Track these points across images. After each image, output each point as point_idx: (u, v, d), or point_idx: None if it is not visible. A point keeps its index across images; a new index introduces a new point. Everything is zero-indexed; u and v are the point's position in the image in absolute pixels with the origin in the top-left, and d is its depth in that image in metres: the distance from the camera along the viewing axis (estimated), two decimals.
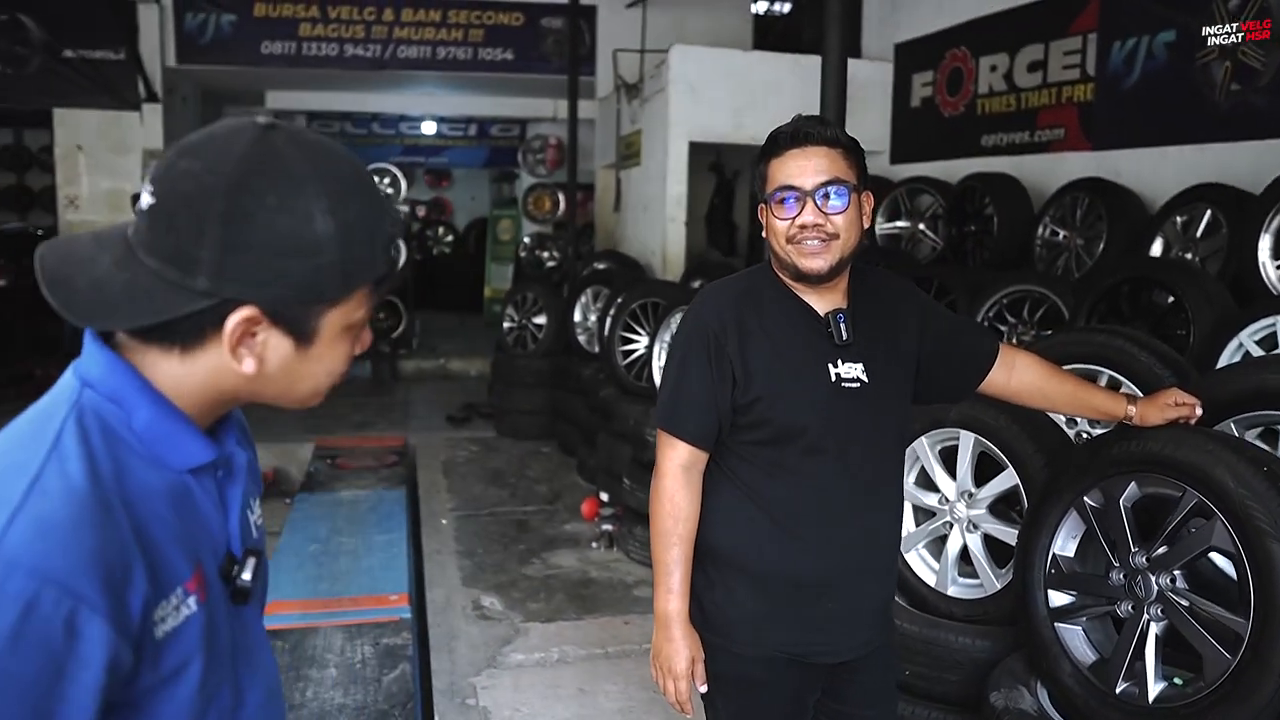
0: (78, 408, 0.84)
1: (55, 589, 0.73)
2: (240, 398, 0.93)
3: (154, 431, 0.87)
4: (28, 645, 0.72)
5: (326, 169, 0.87)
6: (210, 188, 0.82)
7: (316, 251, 0.84)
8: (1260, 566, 1.70)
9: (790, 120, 1.75)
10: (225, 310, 0.84)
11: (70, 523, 0.76)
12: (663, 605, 1.75)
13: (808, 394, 1.69)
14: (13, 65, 8.85)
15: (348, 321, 0.91)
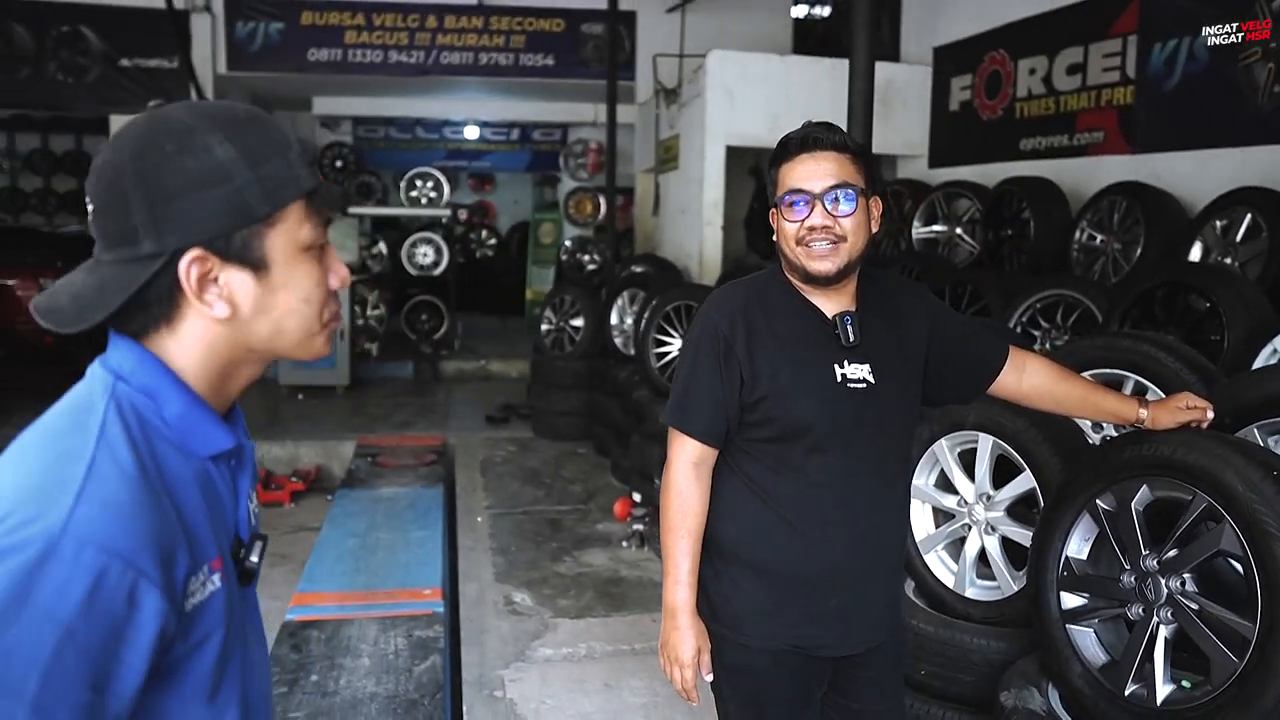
0: (114, 399, 0.91)
1: (121, 563, 0.81)
2: (240, 359, 0.98)
3: (184, 421, 0.94)
4: (96, 612, 0.80)
5: (214, 112, 0.94)
6: (118, 164, 0.90)
7: (226, 176, 0.91)
8: (1267, 570, 1.71)
9: (800, 126, 1.79)
10: (176, 263, 0.91)
11: (131, 505, 0.84)
12: (670, 596, 1.80)
13: (813, 393, 1.74)
14: (74, 75, 9.18)
15: (295, 242, 0.96)
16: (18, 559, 0.79)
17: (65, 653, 0.78)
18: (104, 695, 0.81)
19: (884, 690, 1.93)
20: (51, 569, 0.79)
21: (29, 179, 15.95)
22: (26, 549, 0.79)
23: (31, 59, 9.10)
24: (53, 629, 0.78)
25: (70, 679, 0.79)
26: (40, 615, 0.78)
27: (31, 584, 0.78)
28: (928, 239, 6.49)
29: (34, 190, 15.93)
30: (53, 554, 0.79)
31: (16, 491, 0.83)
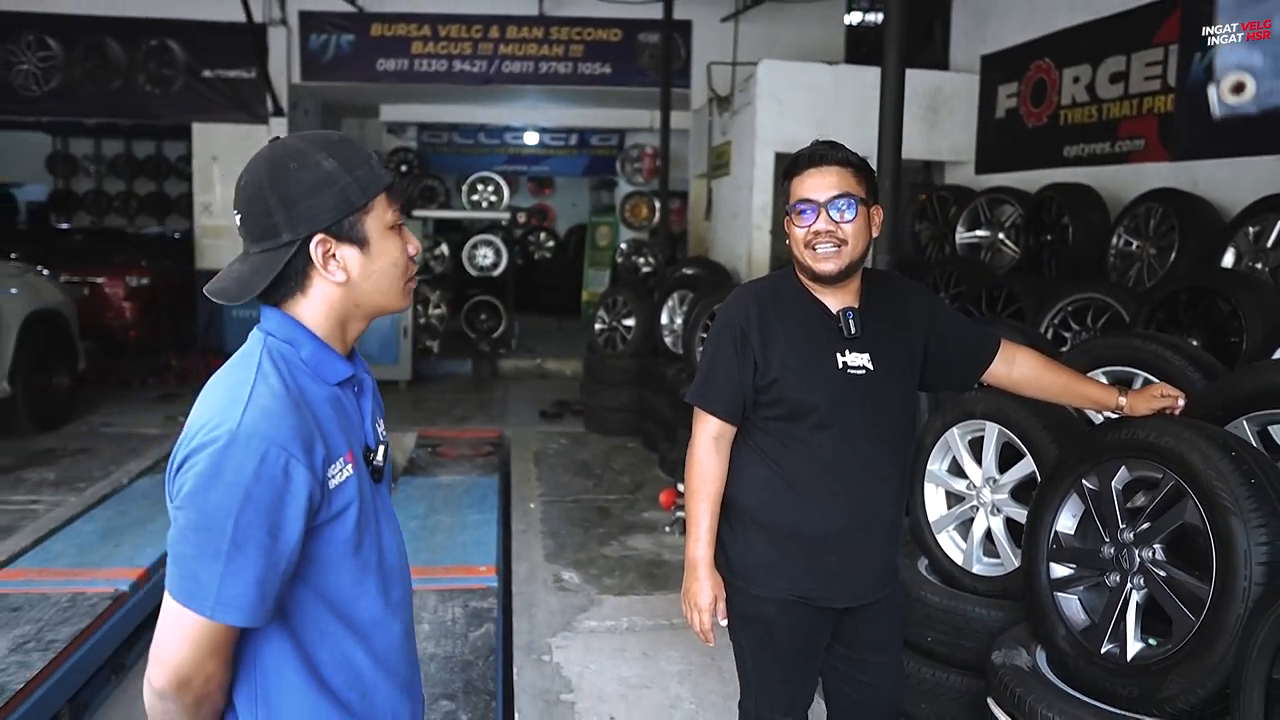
0: (266, 348, 1.30)
1: (276, 447, 1.20)
2: (351, 314, 1.35)
3: (315, 358, 1.33)
4: (263, 479, 1.19)
5: (315, 137, 1.33)
6: (258, 182, 1.29)
7: (333, 181, 1.28)
8: (1222, 539, 1.92)
9: (810, 144, 2.05)
10: (307, 246, 1.29)
11: (279, 411, 1.23)
12: (692, 551, 2.08)
13: (817, 378, 2.00)
14: (160, 86, 9.77)
15: (384, 222, 1.34)
16: (213, 448, 1.19)
17: (246, 507, 1.18)
18: (275, 540, 1.20)
19: (883, 643, 2.19)
20: (233, 452, 1.18)
21: (113, 182, 16.77)
22: (218, 441, 1.19)
23: (123, 71, 9.71)
24: (238, 491, 1.18)
25: (251, 525, 1.18)
26: (229, 481, 1.18)
27: (222, 462, 1.18)
28: (971, 244, 6.64)
29: (117, 193, 16.73)
30: (233, 443, 1.19)
31: (209, 409, 1.24)
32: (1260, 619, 1.74)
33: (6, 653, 3.45)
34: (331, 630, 1.33)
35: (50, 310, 7.19)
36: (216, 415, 1.21)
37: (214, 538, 1.17)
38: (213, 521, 1.17)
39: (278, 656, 1.29)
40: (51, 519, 5.05)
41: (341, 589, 1.32)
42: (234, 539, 1.17)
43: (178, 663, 1.21)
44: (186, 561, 1.19)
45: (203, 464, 1.18)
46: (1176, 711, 1.96)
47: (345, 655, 1.34)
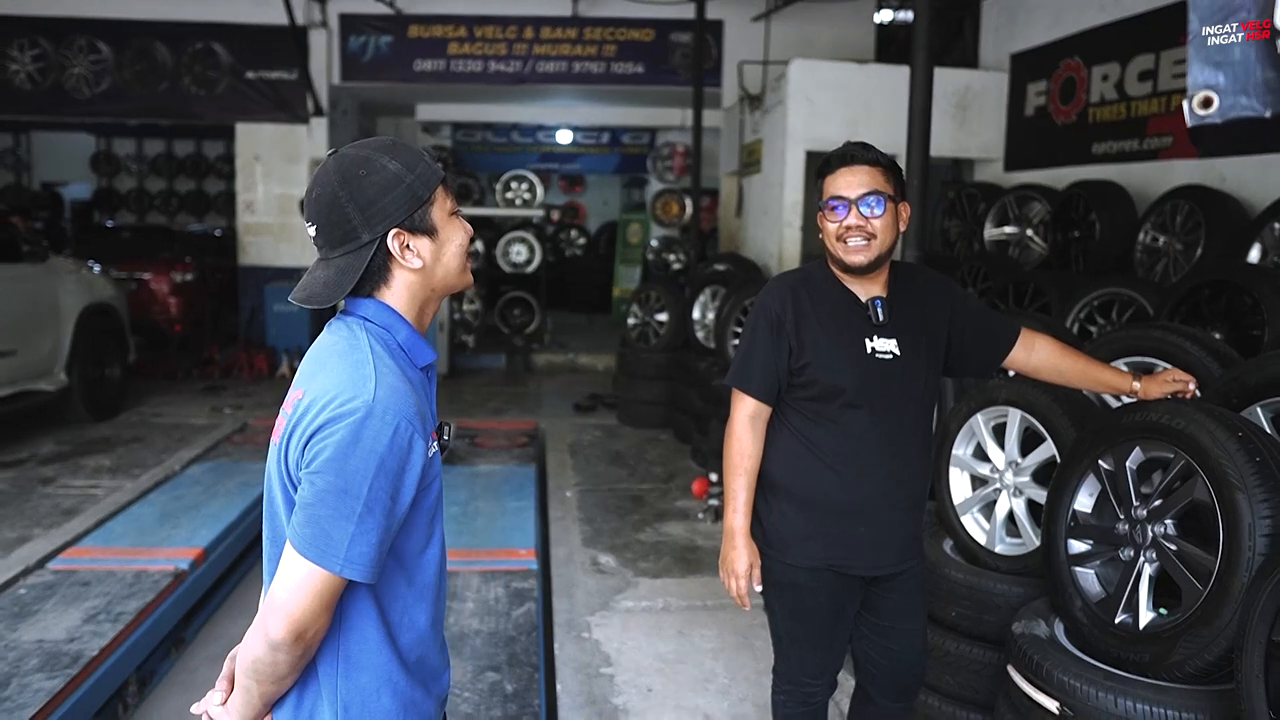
0: (369, 334, 1.43)
1: (405, 421, 1.35)
2: (428, 297, 1.49)
3: (409, 343, 1.47)
4: (394, 449, 1.33)
5: (375, 144, 1.45)
6: (332, 192, 1.41)
7: (400, 180, 1.41)
8: (1229, 513, 2.04)
9: (842, 145, 2.20)
10: (384, 242, 1.42)
11: (404, 389, 1.37)
12: (730, 521, 2.24)
13: (847, 362, 2.15)
14: (205, 87, 10.06)
15: (445, 210, 1.47)
16: (352, 419, 1.32)
17: (380, 473, 1.32)
18: (395, 503, 1.35)
19: (908, 612, 2.34)
20: (370, 424, 1.32)
21: (154, 181, 17.17)
22: (356, 413, 1.32)
23: (170, 73, 10.01)
24: (374, 458, 1.32)
25: (380, 489, 1.32)
26: (366, 450, 1.32)
27: (361, 432, 1.32)
28: (999, 240, 6.73)
29: (158, 191, 17.15)
30: (370, 416, 1.32)
31: (338, 384, 1.36)
32: (1261, 586, 1.87)
33: (80, 623, 3.68)
34: (402, 593, 1.46)
35: (104, 304, 7.47)
36: (349, 390, 1.34)
37: (350, 500, 1.30)
38: (351, 485, 1.30)
39: (360, 615, 1.42)
40: (111, 503, 5.29)
41: (414, 555, 1.46)
42: (366, 502, 1.31)
43: (299, 614, 1.33)
44: (321, 522, 1.31)
45: (342, 433, 1.31)
46: (1185, 675, 2.09)
47: (412, 617, 1.47)
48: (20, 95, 9.94)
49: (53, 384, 6.81)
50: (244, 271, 10.46)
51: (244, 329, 10.48)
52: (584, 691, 3.39)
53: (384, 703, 1.45)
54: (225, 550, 4.75)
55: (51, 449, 6.55)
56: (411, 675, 1.48)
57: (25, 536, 4.74)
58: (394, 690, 1.46)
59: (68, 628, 3.64)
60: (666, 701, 3.34)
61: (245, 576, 5.02)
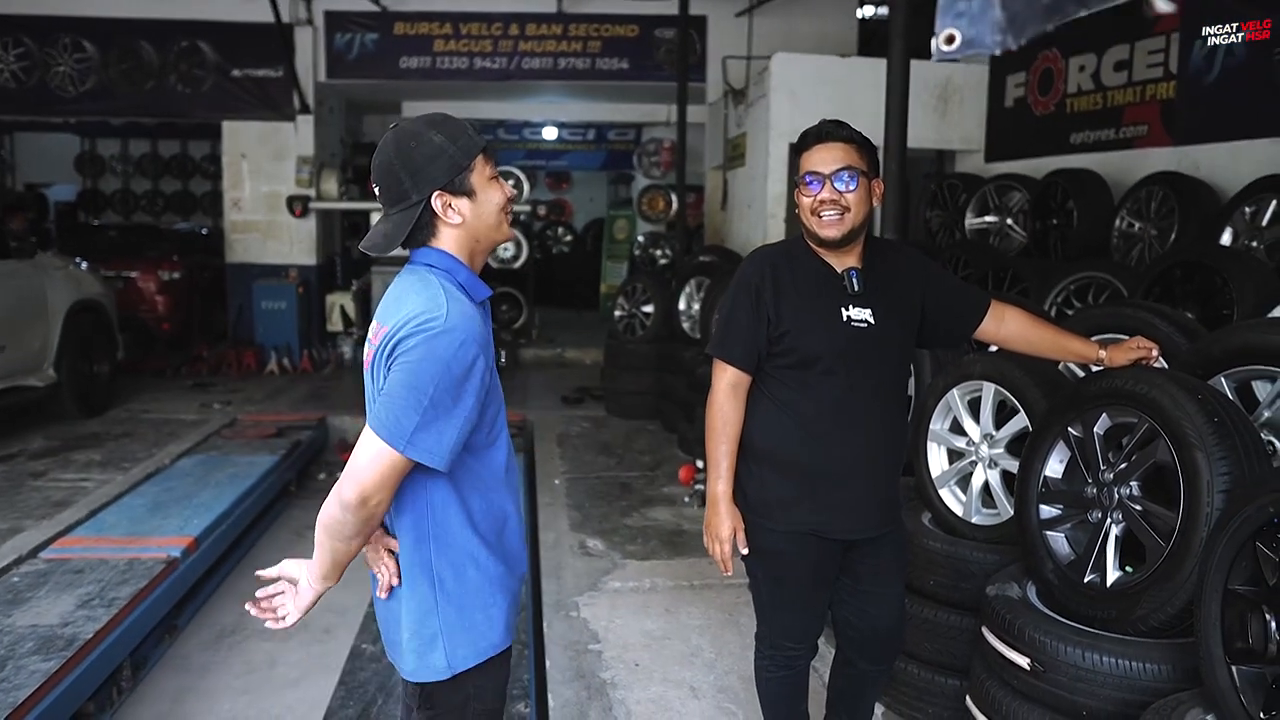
0: (436, 276, 1.71)
1: (471, 338, 1.64)
2: (474, 246, 1.77)
3: (470, 282, 1.76)
4: (458, 360, 1.62)
5: (426, 119, 1.74)
6: (389, 160, 1.71)
7: (443, 150, 1.69)
8: (1188, 471, 2.13)
9: (818, 123, 2.28)
10: (430, 202, 1.71)
11: (470, 314, 1.67)
12: (713, 488, 2.31)
13: (824, 330, 2.23)
14: (191, 85, 10.08)
15: (484, 176, 1.74)
16: (429, 332, 1.62)
17: (444, 378, 1.61)
18: (457, 405, 1.63)
19: (886, 576, 2.42)
20: (444, 337, 1.62)
21: (139, 182, 17.13)
22: (432, 328, 1.62)
23: (155, 72, 10.02)
24: (441, 365, 1.61)
25: (445, 392, 1.61)
26: (436, 357, 1.61)
27: (434, 343, 1.61)
28: (980, 229, 6.83)
29: (144, 192, 17.09)
30: (444, 331, 1.62)
31: (418, 308, 1.65)
32: (1218, 538, 1.95)
33: (74, 608, 3.73)
34: (480, 484, 1.77)
35: (92, 301, 7.49)
36: (426, 311, 1.63)
37: (418, 395, 1.59)
38: (420, 383, 1.59)
39: (442, 503, 1.74)
40: (102, 494, 5.33)
41: (489, 452, 1.77)
42: (432, 398, 1.59)
43: (367, 482, 1.61)
44: (394, 409, 1.59)
45: (420, 341, 1.61)
46: (1149, 629, 2.17)
47: (491, 503, 1.79)
48: (4, 94, 9.92)
49: (41, 380, 6.83)
50: (232, 269, 10.48)
51: (232, 326, 10.49)
52: (572, 667, 3.46)
53: (470, 574, 1.77)
54: (217, 539, 4.79)
55: (41, 444, 6.57)
56: (493, 553, 1.79)
57: (17, 528, 4.78)
58: (478, 565, 1.77)
59: (61, 613, 3.68)
60: (654, 675, 3.41)
61: (237, 565, 5.07)
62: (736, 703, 3.24)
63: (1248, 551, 1.90)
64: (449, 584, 1.75)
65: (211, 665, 4.05)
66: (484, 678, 1.81)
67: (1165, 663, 2.14)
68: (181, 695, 3.81)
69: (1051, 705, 2.27)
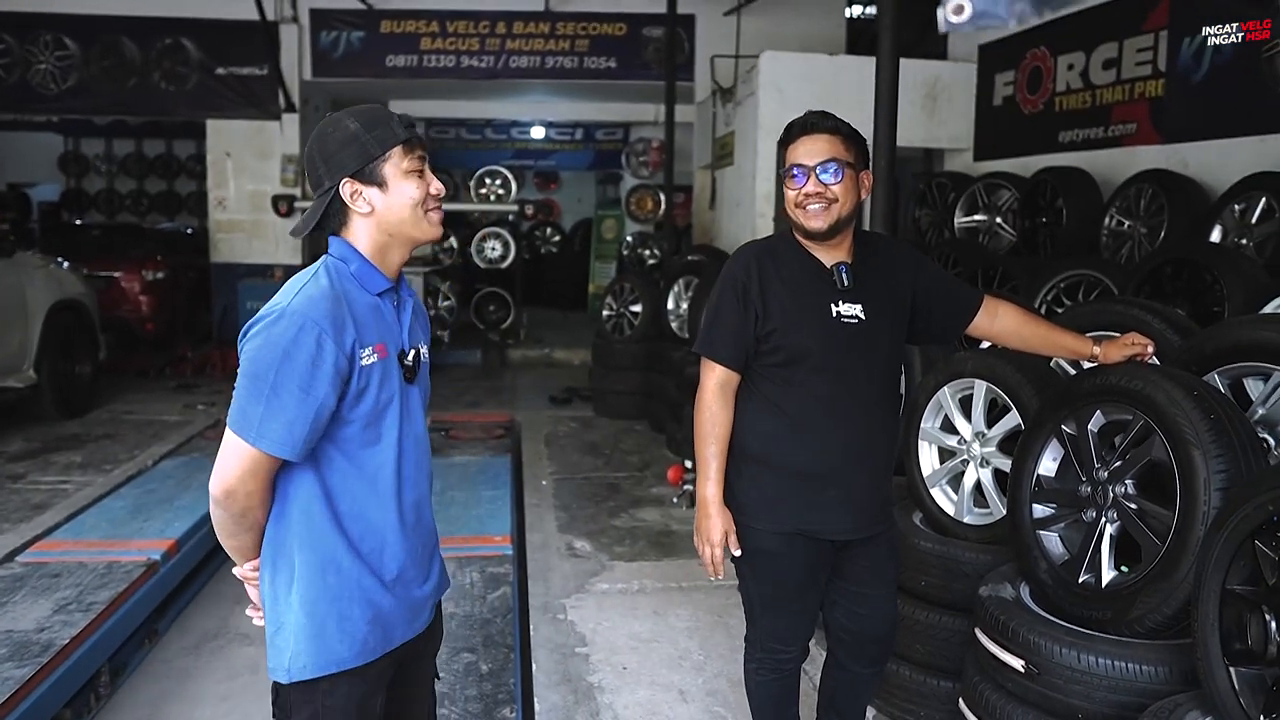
0: (326, 263, 1.71)
1: (312, 323, 1.57)
2: (386, 241, 1.71)
3: (362, 271, 1.71)
4: (300, 345, 1.56)
5: (354, 110, 1.72)
6: (311, 148, 1.71)
7: (355, 138, 1.67)
8: (1184, 468, 2.09)
9: (803, 114, 2.23)
10: (340, 189, 1.67)
11: (320, 298, 1.61)
12: (703, 490, 2.26)
13: (813, 326, 2.18)
14: (175, 83, 9.98)
15: (400, 169, 1.69)
16: (267, 319, 1.59)
17: (284, 364, 1.56)
18: (306, 394, 1.57)
19: (878, 576, 2.37)
20: (280, 323, 1.57)
21: (124, 181, 16.99)
22: (271, 315, 1.59)
23: (138, 69, 9.91)
24: (279, 351, 1.56)
25: (287, 378, 1.56)
26: (273, 344, 1.56)
27: (271, 329, 1.57)
28: (969, 228, 6.80)
29: (129, 191, 16.96)
30: (281, 317, 1.58)
31: (275, 299, 1.63)
32: (1215, 537, 1.91)
33: (51, 613, 3.65)
34: (352, 486, 1.68)
35: (73, 300, 7.39)
36: (276, 300, 1.62)
37: (260, 385, 1.56)
38: (260, 371, 1.56)
39: (307, 498, 1.66)
40: (82, 497, 5.25)
41: (365, 453, 1.68)
42: (273, 386, 1.55)
43: (227, 476, 1.59)
44: (241, 401, 1.57)
45: (258, 330, 1.59)
46: (1145, 630, 2.14)
47: (362, 510, 1.69)
48: None
49: (21, 381, 6.73)
50: (216, 269, 10.38)
51: (217, 327, 10.39)
52: (559, 670, 3.41)
53: (329, 581, 1.67)
54: (198, 543, 4.71)
55: (21, 446, 6.48)
56: (362, 562, 1.69)
57: None
58: (338, 570, 1.67)
59: (37, 618, 3.60)
60: (641, 678, 3.36)
61: (219, 569, 4.99)
62: (726, 706, 3.19)
63: (1246, 550, 1.86)
64: (305, 583, 1.66)
65: (193, 670, 3.98)
66: (332, 697, 1.68)
67: (1162, 664, 2.10)
68: (161, 701, 3.73)
69: (1046, 708, 2.23)
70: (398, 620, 1.74)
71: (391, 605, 1.72)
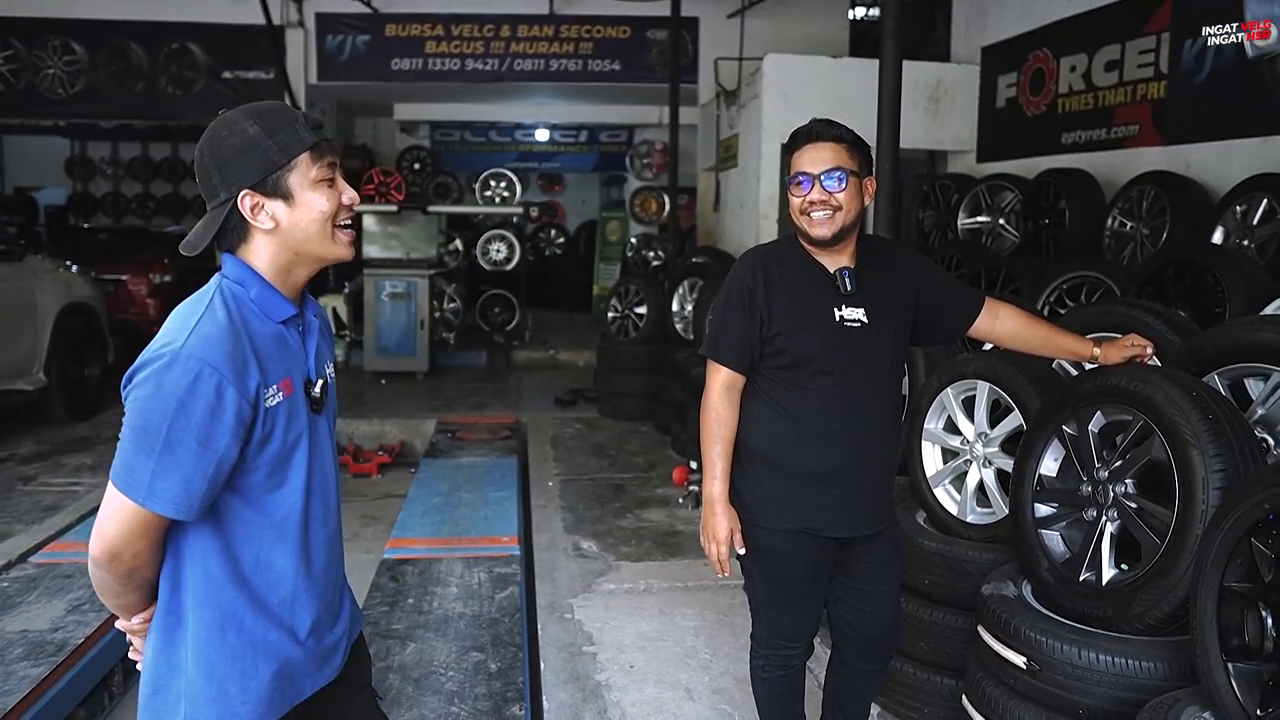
0: (220, 288, 1.49)
1: (210, 368, 1.38)
2: (291, 259, 1.53)
3: (262, 298, 1.51)
4: (197, 394, 1.37)
5: (249, 108, 1.51)
6: (201, 153, 1.49)
7: (255, 144, 1.46)
8: (1183, 468, 2.12)
9: (808, 122, 2.27)
10: (238, 202, 1.47)
11: (219, 338, 1.41)
12: (709, 489, 2.30)
13: (816, 330, 2.22)
14: (181, 87, 10.05)
15: (307, 178, 1.50)
16: (158, 364, 1.38)
17: (179, 416, 1.37)
18: (205, 448, 1.39)
19: (882, 574, 2.41)
20: (174, 369, 1.37)
21: (130, 185, 17.05)
22: (162, 359, 1.38)
23: (145, 74, 9.98)
24: (173, 401, 1.37)
25: (183, 431, 1.37)
26: (166, 393, 1.37)
27: (164, 376, 1.38)
28: (972, 229, 6.83)
29: (134, 195, 17.02)
30: (174, 361, 1.38)
31: (163, 334, 1.43)
32: (1213, 536, 1.95)
33: (64, 613, 3.70)
34: (257, 535, 1.51)
35: (82, 304, 7.45)
36: (166, 338, 1.42)
37: (150, 439, 1.37)
38: (150, 424, 1.37)
39: (202, 550, 1.48)
40: (93, 499, 5.29)
41: (269, 498, 1.51)
42: (166, 441, 1.37)
43: (111, 538, 1.42)
44: (126, 456, 1.39)
45: (148, 375, 1.39)
46: (1145, 627, 2.17)
47: (268, 558, 1.52)
48: None
49: (31, 384, 6.79)
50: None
51: None
52: (567, 669, 3.45)
53: (229, 640, 1.50)
54: None
55: (31, 448, 6.53)
56: (267, 616, 1.52)
57: (6, 533, 4.74)
58: (239, 628, 1.50)
59: (52, 618, 3.66)
60: (649, 677, 3.40)
61: None
62: (732, 704, 3.23)
63: (1243, 548, 1.90)
64: (202, 644, 1.48)
65: None
66: None
67: (1161, 661, 2.14)
68: None
69: (1048, 704, 2.26)
70: (308, 671, 1.59)
71: (301, 658, 1.57)
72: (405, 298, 9.41)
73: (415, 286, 9.56)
